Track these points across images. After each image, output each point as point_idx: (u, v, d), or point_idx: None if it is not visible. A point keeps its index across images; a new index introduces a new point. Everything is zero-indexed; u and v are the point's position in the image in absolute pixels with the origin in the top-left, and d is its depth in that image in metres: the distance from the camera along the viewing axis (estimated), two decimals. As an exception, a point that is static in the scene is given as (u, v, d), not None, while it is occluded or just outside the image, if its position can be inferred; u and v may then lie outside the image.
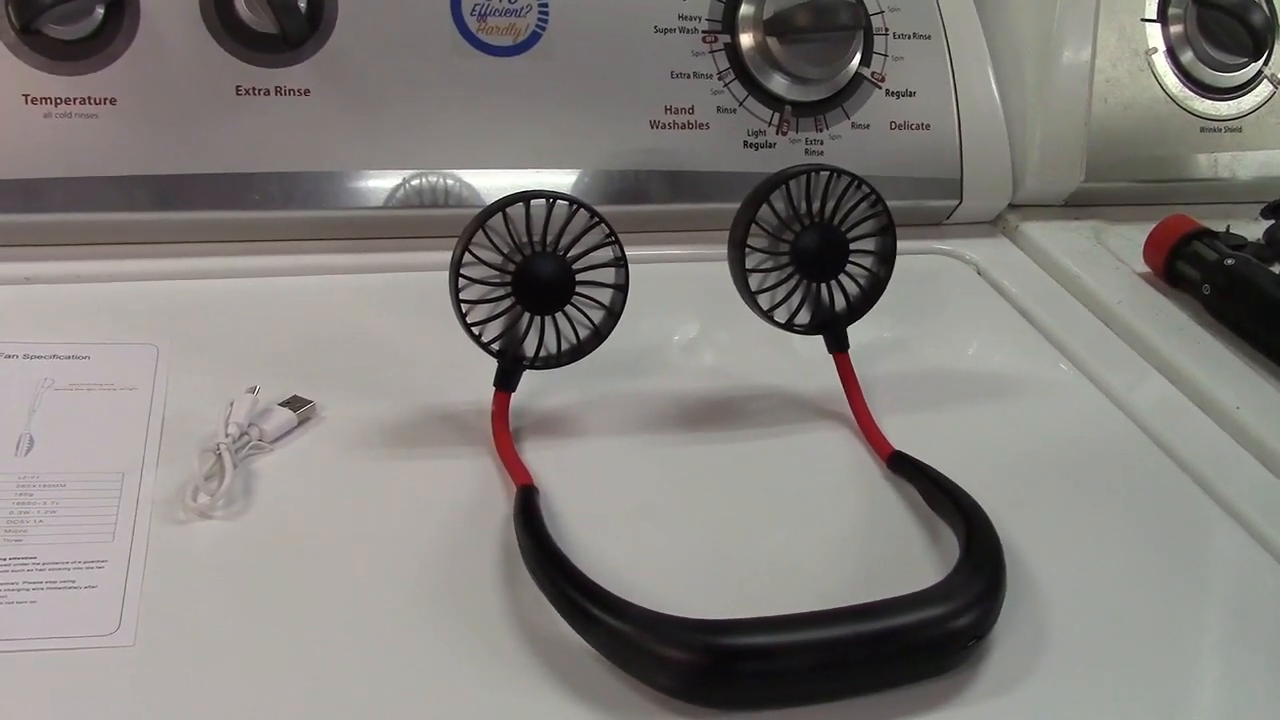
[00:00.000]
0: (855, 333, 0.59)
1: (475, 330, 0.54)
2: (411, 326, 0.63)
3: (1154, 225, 0.75)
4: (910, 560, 0.51)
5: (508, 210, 0.53)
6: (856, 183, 0.57)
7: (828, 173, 0.56)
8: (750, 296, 0.57)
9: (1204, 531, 0.55)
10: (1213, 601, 0.51)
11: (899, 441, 0.56)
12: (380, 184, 0.68)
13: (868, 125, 0.75)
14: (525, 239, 0.53)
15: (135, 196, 0.64)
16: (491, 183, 0.69)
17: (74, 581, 0.45)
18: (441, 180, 0.69)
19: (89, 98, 0.64)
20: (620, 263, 0.55)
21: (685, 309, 0.69)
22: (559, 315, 0.54)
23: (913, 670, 0.44)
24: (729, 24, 0.73)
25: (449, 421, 0.56)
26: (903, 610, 0.44)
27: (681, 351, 0.65)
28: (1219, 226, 0.75)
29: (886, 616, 0.44)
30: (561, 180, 0.70)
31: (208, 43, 0.65)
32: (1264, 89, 0.83)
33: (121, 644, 0.43)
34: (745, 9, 0.73)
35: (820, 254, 0.57)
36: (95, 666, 0.42)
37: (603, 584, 0.45)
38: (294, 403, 0.55)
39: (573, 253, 0.54)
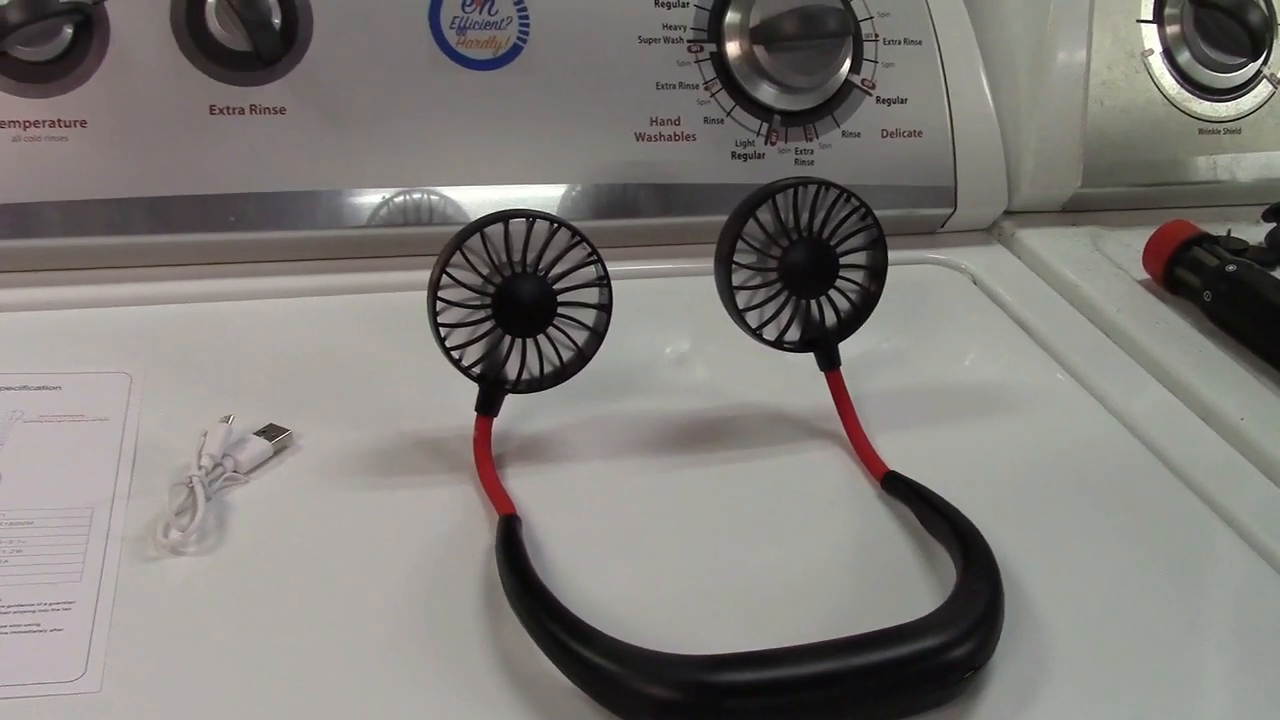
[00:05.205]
0: (848, 344, 0.57)
1: (455, 354, 0.52)
2: (392, 350, 0.61)
3: (1153, 230, 0.73)
4: (905, 585, 0.49)
5: (486, 230, 0.51)
6: (846, 195, 0.55)
7: (816, 185, 0.55)
8: (738, 314, 0.55)
9: (1209, 549, 0.53)
10: (1219, 623, 0.50)
11: (893, 460, 0.55)
12: (360, 202, 0.67)
13: (859, 133, 0.74)
14: (505, 259, 0.52)
15: (108, 220, 0.63)
16: (475, 198, 0.68)
17: (39, 625, 0.44)
18: (425, 197, 0.68)
19: (59, 120, 0.62)
20: (603, 282, 0.53)
21: (674, 326, 0.67)
22: (541, 337, 0.53)
23: (908, 704, 0.43)
24: (714, 32, 0.71)
25: (430, 448, 0.55)
26: (897, 642, 0.43)
27: (669, 370, 0.64)
28: (1219, 230, 0.73)
29: (880, 649, 0.43)
30: (547, 194, 0.69)
31: (180, 62, 0.64)
32: (1263, 89, 0.82)
33: (87, 690, 0.41)
34: (731, 17, 0.71)
35: (809, 269, 0.55)
36: (59, 715, 0.41)
37: (587, 617, 0.43)
38: (270, 431, 0.54)
39: (554, 272, 0.52)
